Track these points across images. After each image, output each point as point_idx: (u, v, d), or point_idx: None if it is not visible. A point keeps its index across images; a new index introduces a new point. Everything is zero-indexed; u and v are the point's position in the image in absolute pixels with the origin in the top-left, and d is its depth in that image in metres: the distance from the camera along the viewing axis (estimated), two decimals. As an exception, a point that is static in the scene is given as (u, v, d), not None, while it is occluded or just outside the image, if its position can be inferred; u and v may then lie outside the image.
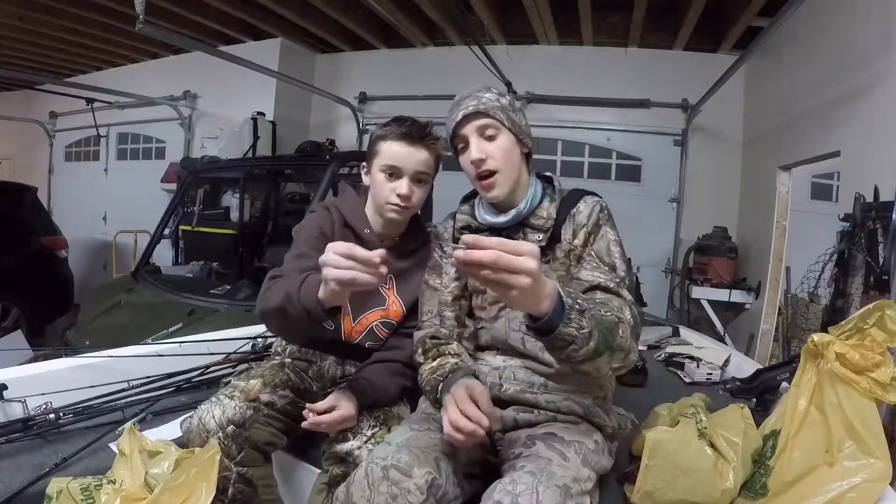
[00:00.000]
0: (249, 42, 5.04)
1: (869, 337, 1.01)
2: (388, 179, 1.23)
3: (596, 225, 1.08)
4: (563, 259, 1.10)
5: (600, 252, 1.06)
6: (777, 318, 3.38)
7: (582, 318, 0.80)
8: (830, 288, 2.39)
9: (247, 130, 4.64)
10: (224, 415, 1.11)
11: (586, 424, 1.05)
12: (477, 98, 1.09)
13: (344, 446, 1.09)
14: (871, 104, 2.36)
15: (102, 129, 5.66)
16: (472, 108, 1.08)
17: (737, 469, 1.02)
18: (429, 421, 1.04)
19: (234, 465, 1.10)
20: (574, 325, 0.79)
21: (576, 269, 1.07)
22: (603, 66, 4.52)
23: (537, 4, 3.84)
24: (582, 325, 0.79)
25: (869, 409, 0.98)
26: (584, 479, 0.88)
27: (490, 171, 1.07)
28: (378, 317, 1.30)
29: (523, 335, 1.08)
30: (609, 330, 0.84)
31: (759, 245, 3.72)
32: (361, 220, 1.30)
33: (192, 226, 4.25)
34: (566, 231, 1.10)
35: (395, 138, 1.21)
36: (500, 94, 1.12)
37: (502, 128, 1.08)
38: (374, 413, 1.18)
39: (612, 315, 0.87)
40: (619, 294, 0.98)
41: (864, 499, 0.92)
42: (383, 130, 1.24)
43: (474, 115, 1.08)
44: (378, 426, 1.14)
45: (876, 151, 2.28)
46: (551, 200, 1.14)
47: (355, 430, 1.12)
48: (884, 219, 2.04)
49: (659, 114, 4.44)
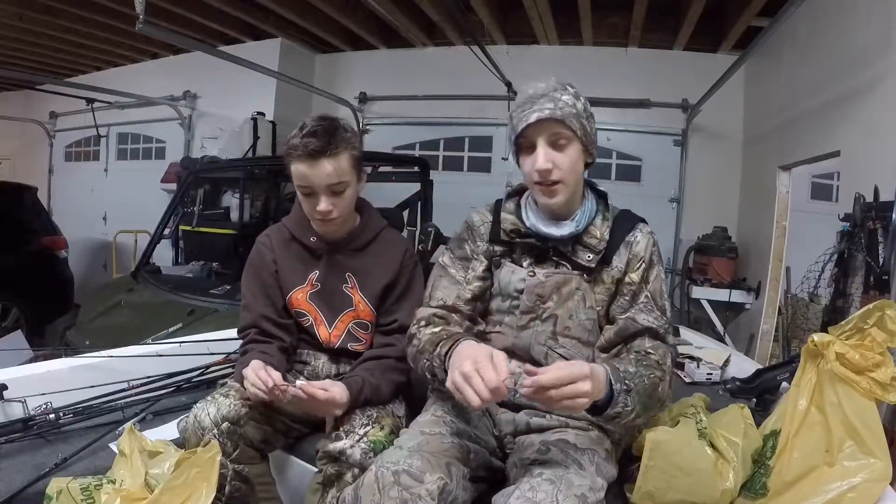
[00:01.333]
0: (249, 42, 5.04)
1: (869, 337, 1.01)
2: (306, 198, 1.22)
3: (651, 262, 1.07)
4: (610, 285, 1.08)
5: (655, 294, 1.06)
6: (777, 318, 3.37)
7: (628, 397, 0.89)
8: (830, 288, 2.39)
9: (247, 130, 4.63)
10: (219, 412, 1.12)
11: (596, 431, 1.05)
12: (553, 101, 0.99)
13: (336, 445, 1.09)
14: (871, 104, 2.36)
15: (102, 129, 5.65)
16: (549, 112, 0.98)
17: (737, 469, 1.02)
18: (439, 424, 1.02)
19: (230, 463, 1.10)
20: (621, 405, 0.89)
21: (626, 304, 1.06)
22: (603, 66, 4.52)
23: (537, 4, 3.84)
24: (627, 403, 0.89)
25: (869, 409, 0.98)
26: (599, 489, 0.89)
27: (555, 180, 1.02)
28: (350, 318, 1.31)
29: (548, 350, 1.08)
30: (650, 395, 0.94)
31: (759, 245, 3.72)
32: (306, 231, 1.31)
33: (192, 226, 4.24)
34: (619, 258, 1.07)
35: (297, 158, 1.17)
36: (576, 97, 1.03)
37: (574, 138, 1.02)
38: (366, 412, 1.17)
39: (655, 376, 0.95)
40: (665, 340, 1.03)
41: (864, 499, 0.92)
42: (289, 146, 1.19)
43: (549, 122, 0.99)
44: (371, 425, 1.14)
45: (876, 151, 2.28)
46: (604, 219, 1.10)
47: (347, 429, 1.12)
48: (884, 219, 2.03)
49: (659, 114, 4.44)
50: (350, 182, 1.23)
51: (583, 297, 1.07)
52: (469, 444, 0.98)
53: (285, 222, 1.37)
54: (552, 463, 0.92)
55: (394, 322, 1.29)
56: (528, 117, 0.99)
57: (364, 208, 1.36)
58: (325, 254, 1.31)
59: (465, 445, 0.97)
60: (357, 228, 1.33)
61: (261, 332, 1.28)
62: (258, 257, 1.34)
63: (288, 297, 1.31)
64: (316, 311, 1.31)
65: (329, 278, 1.30)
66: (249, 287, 1.33)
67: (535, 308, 1.08)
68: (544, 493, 0.82)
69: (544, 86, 1.02)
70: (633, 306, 1.05)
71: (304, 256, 1.32)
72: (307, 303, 1.31)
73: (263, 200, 4.35)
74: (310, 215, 1.25)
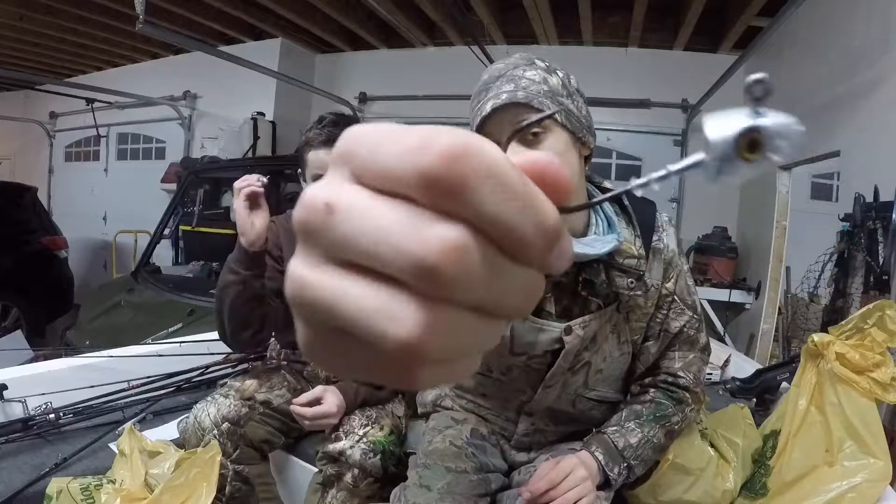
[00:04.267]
0: (249, 42, 5.04)
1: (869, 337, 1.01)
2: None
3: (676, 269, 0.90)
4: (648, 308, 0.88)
5: (682, 293, 0.91)
6: (777, 318, 3.37)
7: (630, 472, 0.89)
8: (830, 288, 2.39)
9: (247, 130, 4.63)
10: (219, 412, 1.12)
11: None
12: (513, 80, 0.74)
13: (336, 446, 1.08)
14: (871, 104, 2.36)
15: (102, 129, 5.65)
16: (507, 96, 0.73)
17: (737, 469, 1.02)
18: (461, 458, 0.92)
19: (231, 463, 1.10)
20: (623, 479, 0.88)
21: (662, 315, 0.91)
22: (603, 66, 4.52)
23: (537, 4, 3.84)
24: (632, 473, 0.89)
25: (869, 409, 0.98)
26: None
27: None
28: None
29: (576, 397, 0.96)
30: (661, 448, 0.93)
31: (759, 245, 3.72)
32: None
33: (192, 226, 4.24)
34: (652, 273, 0.87)
35: (318, 145, 1.17)
36: (548, 71, 0.78)
37: (552, 124, 0.75)
38: (366, 412, 1.17)
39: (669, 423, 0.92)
40: (698, 340, 0.94)
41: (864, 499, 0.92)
42: (307, 136, 1.19)
43: (510, 108, 0.73)
44: (370, 425, 1.13)
45: (876, 151, 2.28)
46: (628, 224, 0.86)
47: (347, 429, 1.12)
48: (884, 219, 2.04)
49: (659, 114, 4.44)
50: None
51: (618, 335, 0.90)
52: (489, 475, 0.95)
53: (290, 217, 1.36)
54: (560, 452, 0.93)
55: None
56: (482, 109, 0.74)
57: None
58: None
59: (486, 478, 0.94)
60: None
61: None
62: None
63: None
64: None
65: None
66: None
67: (569, 365, 0.89)
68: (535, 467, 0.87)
69: (503, 65, 0.78)
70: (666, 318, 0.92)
71: None
72: None
73: (263, 200, 4.35)
74: None
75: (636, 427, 0.90)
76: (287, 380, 1.29)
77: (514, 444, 1.01)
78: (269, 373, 1.30)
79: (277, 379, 1.28)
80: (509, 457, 1.01)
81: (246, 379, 1.25)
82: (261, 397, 1.20)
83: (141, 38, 4.80)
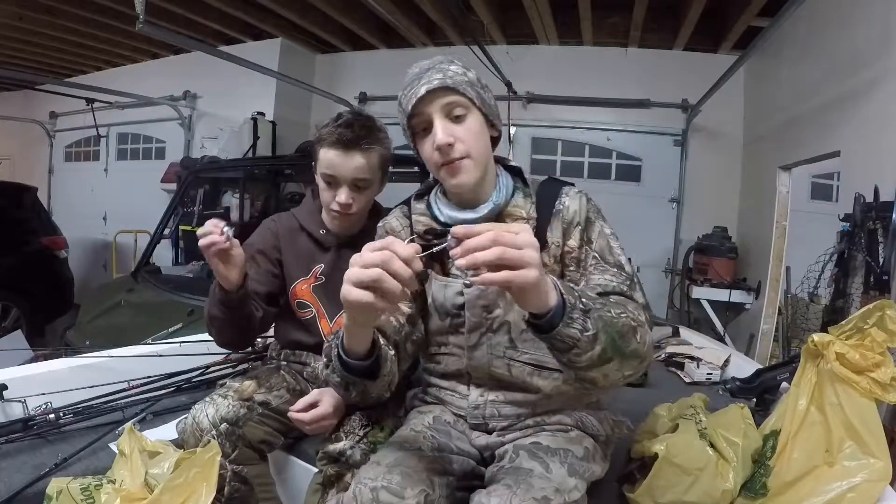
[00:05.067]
0: (249, 42, 5.04)
1: (869, 337, 1.01)
2: (327, 187, 1.21)
3: (588, 220, 0.96)
4: (554, 265, 0.96)
5: (603, 252, 0.94)
6: (777, 318, 3.37)
7: (587, 319, 0.72)
8: (830, 288, 2.39)
9: (247, 130, 4.64)
10: (217, 413, 1.12)
11: (576, 431, 0.99)
12: (442, 71, 0.92)
13: (336, 446, 1.08)
14: (870, 104, 2.36)
15: (102, 129, 5.65)
16: (438, 82, 0.90)
17: (737, 469, 1.02)
18: (418, 439, 0.95)
19: (229, 464, 1.10)
20: (577, 326, 0.72)
21: (575, 274, 0.95)
22: (603, 66, 4.52)
23: (537, 4, 3.84)
24: (586, 326, 0.72)
25: (869, 409, 0.98)
26: (570, 490, 0.83)
27: (459, 157, 0.90)
28: None
29: (509, 361, 0.98)
30: (620, 334, 0.77)
31: (759, 245, 3.72)
32: (316, 223, 1.32)
33: (192, 226, 4.24)
34: (553, 232, 0.96)
35: (329, 145, 1.17)
36: (466, 68, 0.96)
37: (472, 107, 0.92)
38: (367, 412, 1.17)
39: (627, 318, 0.79)
40: (633, 298, 0.89)
41: (864, 499, 0.92)
42: (321, 133, 1.19)
43: (441, 91, 0.90)
44: (371, 425, 1.13)
45: (876, 151, 2.28)
46: (525, 195, 1.00)
47: (347, 429, 1.12)
48: (884, 219, 2.04)
49: (659, 114, 4.44)
50: (374, 181, 1.23)
51: None
52: (451, 455, 0.95)
53: (295, 212, 1.37)
54: (516, 468, 0.87)
55: None
56: (417, 92, 0.90)
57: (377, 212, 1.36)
58: (332, 248, 1.32)
59: (446, 458, 0.93)
60: (367, 227, 1.32)
61: None
62: (261, 240, 1.34)
63: (291, 289, 1.32)
64: (318, 303, 1.32)
65: (334, 272, 1.30)
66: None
67: (483, 321, 0.97)
68: (498, 497, 0.78)
69: (428, 62, 0.95)
70: (582, 275, 0.94)
71: (311, 248, 1.33)
72: (311, 294, 1.32)
73: (263, 200, 4.35)
74: (326, 206, 1.25)
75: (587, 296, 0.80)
76: (286, 380, 1.29)
77: (471, 422, 1.01)
78: (268, 373, 1.30)
79: (276, 380, 1.28)
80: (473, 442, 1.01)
81: (245, 379, 1.25)
82: (259, 398, 1.20)
83: (141, 38, 4.80)
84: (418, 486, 0.83)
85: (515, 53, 4.53)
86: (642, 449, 1.07)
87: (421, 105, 0.91)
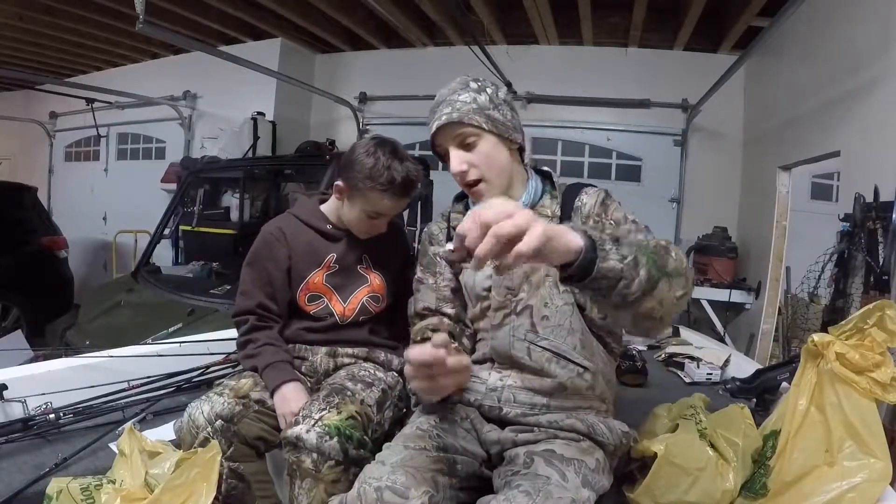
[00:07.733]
0: (249, 42, 5.04)
1: (869, 337, 1.01)
2: (368, 218, 1.30)
3: (602, 204, 1.04)
4: None
5: (619, 220, 1.01)
6: (777, 318, 3.37)
7: (619, 246, 0.70)
8: (830, 288, 2.39)
9: (247, 130, 4.63)
10: (212, 410, 1.12)
11: (588, 442, 0.99)
12: (451, 104, 1.02)
13: (294, 430, 1.06)
14: (870, 104, 2.36)
15: (102, 129, 5.65)
16: (446, 118, 1.01)
17: (737, 469, 1.02)
18: (424, 438, 0.97)
19: (226, 461, 1.10)
20: (613, 256, 0.69)
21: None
22: (603, 66, 4.52)
23: (537, 4, 3.84)
24: (623, 254, 0.70)
25: (869, 409, 0.98)
26: (584, 501, 0.84)
27: (475, 179, 1.02)
28: (365, 293, 1.36)
29: (529, 344, 1.02)
30: (657, 253, 0.74)
31: (759, 245, 3.72)
32: (321, 219, 1.37)
33: (192, 226, 4.24)
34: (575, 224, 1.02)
35: (384, 193, 1.23)
36: (478, 91, 1.04)
37: (481, 132, 1.02)
38: (328, 398, 1.14)
39: (655, 240, 0.79)
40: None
41: (864, 499, 0.92)
42: (373, 178, 1.21)
43: (450, 126, 1.02)
44: (328, 409, 1.10)
45: (876, 151, 2.28)
46: (552, 197, 1.09)
47: (304, 413, 1.10)
48: (884, 219, 2.04)
49: (659, 114, 4.44)
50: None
51: (554, 282, 1.02)
52: (456, 456, 0.95)
53: (295, 213, 1.39)
54: (533, 475, 0.87)
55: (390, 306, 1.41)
56: (431, 127, 1.04)
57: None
58: (343, 237, 1.36)
59: (450, 458, 0.94)
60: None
61: (260, 317, 1.32)
62: (267, 249, 1.35)
63: (304, 284, 1.33)
64: (331, 291, 1.34)
65: (347, 258, 1.35)
66: (251, 275, 1.33)
67: (507, 302, 1.04)
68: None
69: (446, 90, 1.05)
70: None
71: (320, 241, 1.36)
72: (323, 285, 1.34)
73: (263, 200, 4.35)
74: (362, 229, 1.33)
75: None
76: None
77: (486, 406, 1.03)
78: None
79: None
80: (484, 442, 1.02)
81: (241, 377, 1.25)
82: (255, 396, 1.20)
83: (141, 38, 4.80)
84: (422, 487, 0.84)
85: (515, 53, 4.53)
86: (642, 449, 1.07)
87: (436, 138, 1.05)
